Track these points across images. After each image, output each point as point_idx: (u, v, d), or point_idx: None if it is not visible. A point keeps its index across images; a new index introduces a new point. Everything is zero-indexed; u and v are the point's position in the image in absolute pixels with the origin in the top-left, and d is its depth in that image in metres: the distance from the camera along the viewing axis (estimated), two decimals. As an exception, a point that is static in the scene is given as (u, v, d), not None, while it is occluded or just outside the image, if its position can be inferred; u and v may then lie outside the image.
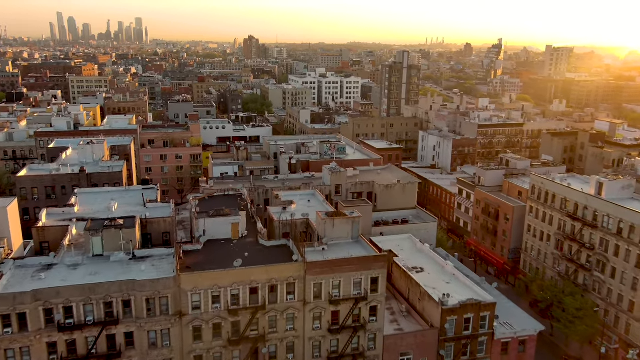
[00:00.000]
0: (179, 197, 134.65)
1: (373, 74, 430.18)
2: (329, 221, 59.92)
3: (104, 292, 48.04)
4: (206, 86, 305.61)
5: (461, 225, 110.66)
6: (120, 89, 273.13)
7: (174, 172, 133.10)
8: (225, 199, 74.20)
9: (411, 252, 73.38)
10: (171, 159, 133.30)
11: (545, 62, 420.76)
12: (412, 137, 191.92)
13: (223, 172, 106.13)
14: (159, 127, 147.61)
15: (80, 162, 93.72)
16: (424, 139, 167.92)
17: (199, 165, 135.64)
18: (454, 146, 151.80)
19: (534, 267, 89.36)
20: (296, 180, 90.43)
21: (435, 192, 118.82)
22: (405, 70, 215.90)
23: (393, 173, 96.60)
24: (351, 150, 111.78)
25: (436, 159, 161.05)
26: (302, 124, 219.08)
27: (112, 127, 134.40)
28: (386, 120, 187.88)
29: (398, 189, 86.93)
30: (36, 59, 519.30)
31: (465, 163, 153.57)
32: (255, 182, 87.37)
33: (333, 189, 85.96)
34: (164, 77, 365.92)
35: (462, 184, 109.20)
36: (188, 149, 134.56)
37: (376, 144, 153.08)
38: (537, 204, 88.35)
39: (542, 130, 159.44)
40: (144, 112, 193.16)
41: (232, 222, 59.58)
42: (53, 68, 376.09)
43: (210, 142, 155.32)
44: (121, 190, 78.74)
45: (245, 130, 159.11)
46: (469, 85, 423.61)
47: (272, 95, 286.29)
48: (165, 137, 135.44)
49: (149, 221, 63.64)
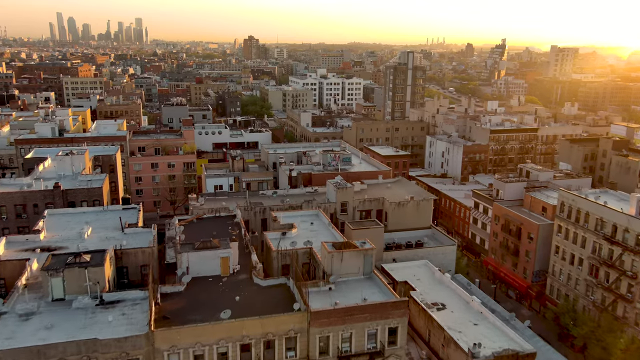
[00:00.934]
0: (172, 209, 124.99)
1: (375, 74, 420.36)
2: (336, 255, 50.11)
3: (57, 354, 38.17)
4: (204, 88, 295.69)
5: (477, 242, 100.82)
6: (115, 91, 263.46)
7: (165, 182, 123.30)
8: (215, 222, 64.42)
9: (429, 282, 63.56)
10: (163, 168, 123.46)
11: (549, 62, 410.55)
12: (418, 142, 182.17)
13: (217, 184, 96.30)
14: (151, 132, 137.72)
15: (57, 175, 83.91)
16: (431, 145, 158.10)
17: (193, 174, 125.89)
18: (465, 153, 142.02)
19: (563, 293, 79.50)
20: (297, 196, 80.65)
21: (448, 205, 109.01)
22: (410, 71, 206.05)
23: (404, 187, 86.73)
24: (357, 160, 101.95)
25: (445, 165, 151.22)
26: (302, 128, 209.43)
27: (99, 134, 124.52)
28: (391, 124, 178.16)
29: (411, 207, 77.09)
30: (34, 60, 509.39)
31: (476, 171, 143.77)
32: (252, 199, 77.54)
33: (339, 207, 76.14)
34: (161, 78, 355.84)
35: (478, 197, 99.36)
36: (181, 156, 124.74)
37: (382, 151, 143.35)
38: (566, 223, 78.48)
39: (557, 136, 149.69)
40: (138, 115, 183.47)
41: (221, 257, 49.78)
42: (48, 69, 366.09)
43: (206, 149, 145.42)
44: (98, 211, 68.91)
45: (243, 135, 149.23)
46: (472, 86, 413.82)
47: (271, 97, 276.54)
48: (156, 144, 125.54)
49: (125, 252, 53.89)
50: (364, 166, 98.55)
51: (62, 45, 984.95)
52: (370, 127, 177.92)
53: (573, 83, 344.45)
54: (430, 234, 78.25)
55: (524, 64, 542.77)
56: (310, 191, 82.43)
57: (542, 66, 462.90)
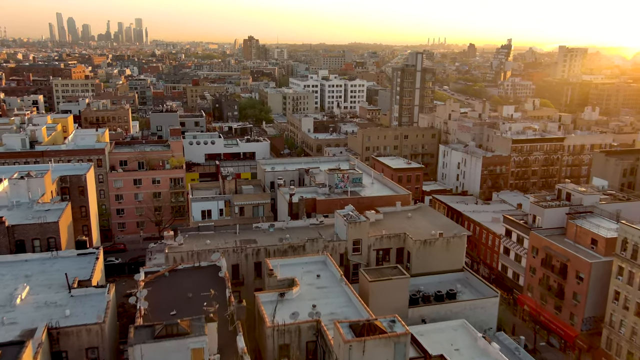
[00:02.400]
0: (157, 230, 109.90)
1: (378, 75, 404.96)
2: (356, 346, 34.94)
3: None
4: (200, 90, 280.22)
5: (509, 275, 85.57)
6: (107, 94, 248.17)
7: (150, 200, 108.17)
8: (194, 276, 49.27)
9: (471, 354, 48.43)
10: (147, 184, 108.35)
11: (557, 63, 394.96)
12: (429, 151, 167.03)
13: (205, 209, 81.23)
14: (136, 143, 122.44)
15: (10, 203, 68.84)
16: (445, 155, 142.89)
17: (182, 191, 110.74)
18: (484, 165, 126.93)
19: (625, 349, 64.34)
20: (299, 229, 65.53)
21: (473, 229, 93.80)
22: (418, 73, 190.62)
23: (427, 216, 71.55)
24: (368, 180, 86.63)
25: (461, 178, 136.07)
26: (304, 134, 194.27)
27: (76, 146, 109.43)
28: (400, 130, 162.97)
29: (440, 245, 61.93)
30: (30, 61, 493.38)
31: (497, 185, 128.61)
32: (243, 236, 62.37)
33: (350, 246, 60.99)
34: (157, 80, 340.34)
35: (510, 224, 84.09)
36: (168, 171, 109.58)
37: (392, 162, 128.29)
38: (630, 265, 63.30)
39: (584, 146, 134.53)
40: (126, 121, 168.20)
41: (192, 348, 34.60)
42: (41, 70, 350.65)
43: (197, 160, 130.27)
44: (46, 258, 53.76)
45: (239, 145, 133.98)
46: (477, 88, 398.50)
47: (271, 100, 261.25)
48: (140, 157, 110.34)
49: (63, 332, 38.77)
50: (377, 188, 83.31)
51: (61, 45, 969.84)
52: (377, 134, 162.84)
53: (584, 85, 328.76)
54: (463, 278, 63.07)
55: (529, 65, 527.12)
56: (315, 223, 67.31)
57: (549, 67, 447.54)
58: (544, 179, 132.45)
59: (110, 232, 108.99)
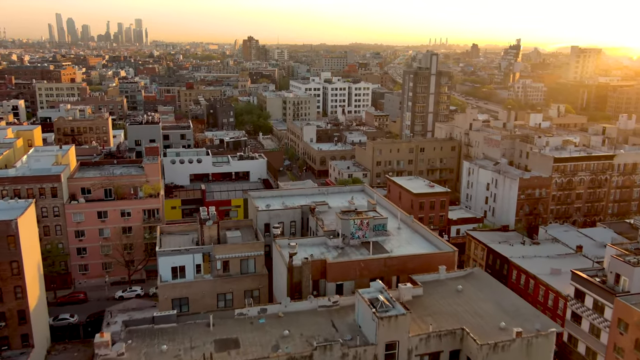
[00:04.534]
0: (127, 273, 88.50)
1: (382, 77, 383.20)
2: None
3: None
4: (195, 94, 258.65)
5: (580, 350, 63.94)
6: (92, 99, 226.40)
7: (118, 237, 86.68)
8: None
9: None
10: (114, 218, 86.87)
11: (570, 64, 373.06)
12: (448, 165, 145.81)
13: (177, 265, 59.79)
14: (105, 164, 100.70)
15: None
16: (471, 173, 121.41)
17: (157, 225, 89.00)
18: (521, 188, 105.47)
19: None
20: (304, 316, 44.10)
21: (524, 281, 72.27)
22: (433, 77, 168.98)
23: (484, 289, 49.98)
24: (393, 223, 64.85)
25: (490, 201, 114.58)
26: (306, 144, 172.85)
27: (29, 169, 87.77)
28: (415, 143, 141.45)
29: (517, 350, 40.37)
30: (25, 62, 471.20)
31: (535, 211, 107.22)
32: (219, 336, 40.83)
33: (382, 353, 39.50)
34: (150, 83, 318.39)
35: (582, 283, 62.51)
36: (140, 201, 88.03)
37: (411, 185, 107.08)
38: None
39: (637, 164, 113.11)
40: (105, 132, 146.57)
41: None
42: (29, 72, 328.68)
43: (181, 182, 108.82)
44: None
45: (230, 163, 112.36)
46: (486, 90, 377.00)
47: (270, 105, 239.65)
48: (106, 183, 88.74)
49: None
50: (406, 236, 61.59)
51: (60, 46, 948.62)
52: (390, 147, 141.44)
53: (600, 87, 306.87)
54: (549, 398, 41.53)
55: (536, 66, 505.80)
56: (327, 305, 45.83)
57: (559, 68, 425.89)
58: (589, 203, 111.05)
59: (69, 277, 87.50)
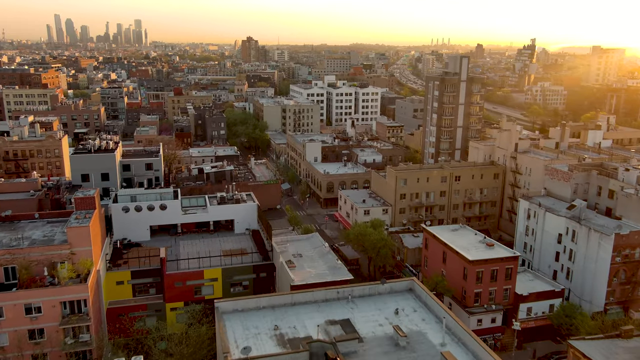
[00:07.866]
0: (38, 400, 55.82)
1: (389, 80, 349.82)
2: None
3: None
4: (184, 100, 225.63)
5: None
6: (64, 108, 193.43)
7: (23, 345, 54.20)
8: None
9: None
10: (15, 316, 54.36)
11: (590, 65, 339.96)
12: (489, 197, 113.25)
13: None
14: (19, 218, 67.79)
15: None
16: (531, 216, 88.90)
17: (85, 325, 56.70)
18: (616, 248, 72.88)
19: None
20: None
21: None
22: (463, 84, 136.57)
23: None
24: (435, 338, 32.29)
25: (563, 258, 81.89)
26: (308, 165, 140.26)
27: None
28: (449, 170, 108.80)
29: None
30: (15, 64, 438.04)
31: (633, 280, 74.72)
32: None
33: None
34: (138, 87, 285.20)
35: None
36: (56, 290, 55.44)
37: (460, 242, 74.82)
38: None
39: None
40: (58, 156, 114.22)
41: None
42: (7, 76, 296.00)
43: (138, 238, 75.74)
44: None
45: (207, 210, 79.32)
46: (501, 94, 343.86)
47: (267, 114, 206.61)
48: (6, 259, 56.17)
49: None
50: None
51: (57, 47, 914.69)
52: (417, 175, 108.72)
53: (630, 91, 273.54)
54: None
55: (548, 67, 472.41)
56: None
57: (576, 69, 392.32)
58: None
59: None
